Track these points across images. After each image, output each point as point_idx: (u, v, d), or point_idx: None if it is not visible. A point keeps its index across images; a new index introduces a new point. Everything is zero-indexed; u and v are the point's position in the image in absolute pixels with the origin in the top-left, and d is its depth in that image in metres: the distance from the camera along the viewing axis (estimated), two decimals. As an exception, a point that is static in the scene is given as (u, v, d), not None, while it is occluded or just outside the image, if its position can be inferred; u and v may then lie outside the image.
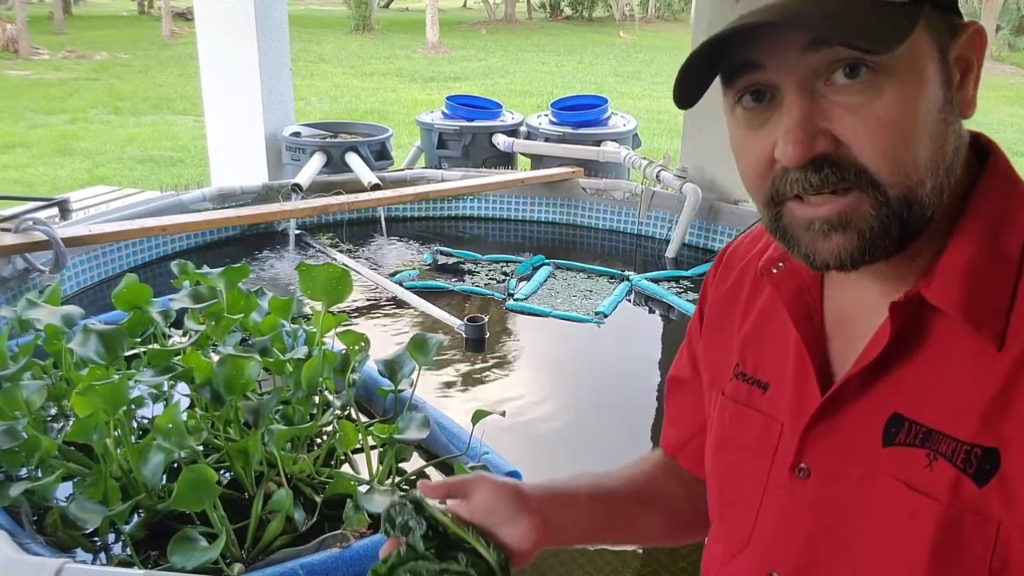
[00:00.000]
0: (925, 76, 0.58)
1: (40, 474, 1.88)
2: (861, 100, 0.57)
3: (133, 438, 2.01)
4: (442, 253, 4.02)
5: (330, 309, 2.19)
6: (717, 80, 0.63)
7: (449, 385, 2.78)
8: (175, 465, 1.98)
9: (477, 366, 2.91)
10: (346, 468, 2.14)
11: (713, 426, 0.80)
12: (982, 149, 0.65)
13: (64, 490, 1.94)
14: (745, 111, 0.62)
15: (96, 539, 1.85)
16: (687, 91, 0.62)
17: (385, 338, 3.00)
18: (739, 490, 0.74)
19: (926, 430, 0.59)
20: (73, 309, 2.23)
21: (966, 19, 0.61)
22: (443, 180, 4.46)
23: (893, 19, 0.55)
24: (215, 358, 2.02)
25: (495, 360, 2.97)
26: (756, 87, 0.60)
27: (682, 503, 0.88)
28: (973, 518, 0.57)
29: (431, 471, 2.14)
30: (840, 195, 0.59)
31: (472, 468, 1.96)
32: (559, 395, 2.80)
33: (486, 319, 3.11)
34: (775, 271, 0.72)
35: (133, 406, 2.07)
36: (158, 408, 2.19)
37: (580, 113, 5.06)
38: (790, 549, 0.68)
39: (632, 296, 3.54)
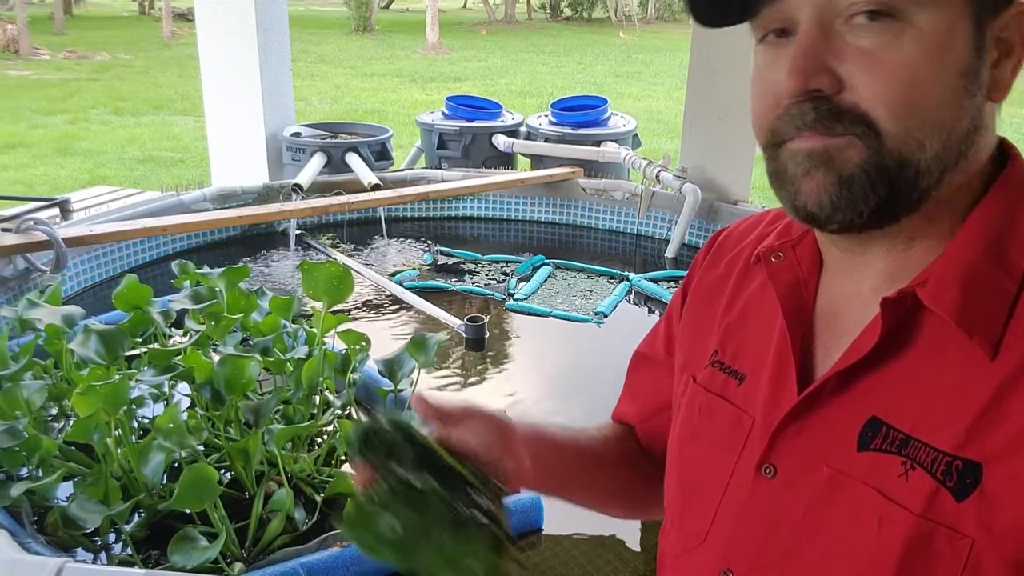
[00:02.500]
0: (950, 34, 0.55)
1: (41, 474, 1.88)
2: (876, 44, 0.54)
3: (134, 438, 2.02)
4: (442, 253, 4.03)
5: (331, 309, 2.19)
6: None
7: (449, 385, 2.78)
8: (175, 465, 1.98)
9: (477, 366, 2.92)
10: (346, 467, 2.14)
11: (680, 413, 0.77)
12: (1003, 154, 0.62)
13: (65, 490, 1.94)
14: (766, 48, 0.60)
15: (97, 539, 1.85)
16: (707, 10, 0.60)
17: (385, 338, 3.01)
18: (701, 483, 0.72)
19: (904, 437, 0.57)
20: (74, 309, 2.23)
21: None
22: (443, 180, 4.46)
23: None
24: (215, 358, 2.02)
25: (495, 360, 2.97)
26: (778, 23, 0.58)
27: (632, 477, 0.87)
28: (946, 533, 0.54)
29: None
30: (832, 136, 0.56)
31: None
32: (559, 395, 2.81)
33: (486, 319, 3.11)
34: (774, 260, 0.70)
35: (134, 406, 2.07)
36: (159, 408, 2.19)
37: (580, 113, 5.06)
38: (748, 548, 0.65)
39: (632, 296, 3.55)
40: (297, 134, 4.80)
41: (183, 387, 2.31)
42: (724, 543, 0.68)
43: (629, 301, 3.50)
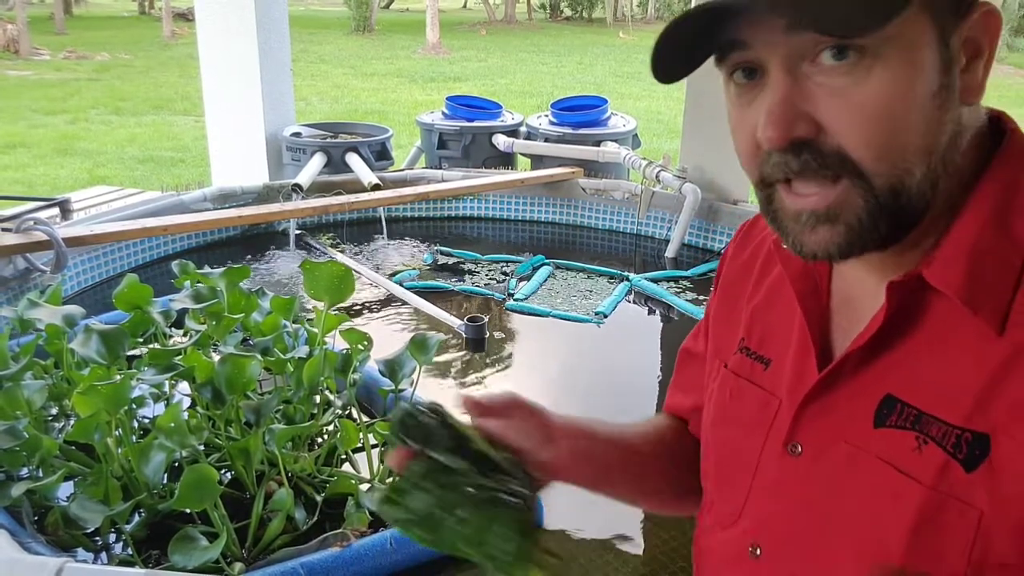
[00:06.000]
0: (918, 59, 0.55)
1: (41, 474, 1.88)
2: (846, 84, 0.54)
3: (134, 438, 2.02)
4: (442, 253, 4.03)
5: (331, 309, 2.19)
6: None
7: (449, 385, 2.78)
8: (176, 464, 1.98)
9: (477, 366, 2.92)
10: (347, 467, 2.14)
11: (712, 398, 0.79)
12: (1000, 129, 0.62)
13: (65, 490, 1.94)
14: (736, 87, 0.61)
15: (97, 538, 1.85)
16: (667, 65, 0.61)
17: (385, 338, 3.01)
18: (732, 464, 0.74)
19: (917, 413, 0.58)
20: (74, 309, 2.24)
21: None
22: (443, 180, 4.46)
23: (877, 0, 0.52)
24: (216, 358, 2.02)
25: (495, 360, 2.97)
26: (745, 64, 0.59)
27: (683, 467, 0.88)
28: (956, 505, 0.55)
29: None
30: (828, 184, 0.57)
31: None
32: (559, 395, 2.81)
33: (486, 319, 3.11)
34: (785, 247, 0.70)
35: (134, 406, 2.07)
36: (159, 408, 2.19)
37: (580, 113, 5.06)
38: (776, 524, 0.68)
39: (632, 296, 3.55)
40: (297, 134, 4.80)
41: (183, 387, 2.31)
42: (754, 520, 0.70)
43: (629, 301, 3.50)
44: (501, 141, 4.86)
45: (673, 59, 0.61)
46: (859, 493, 0.61)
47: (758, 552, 0.69)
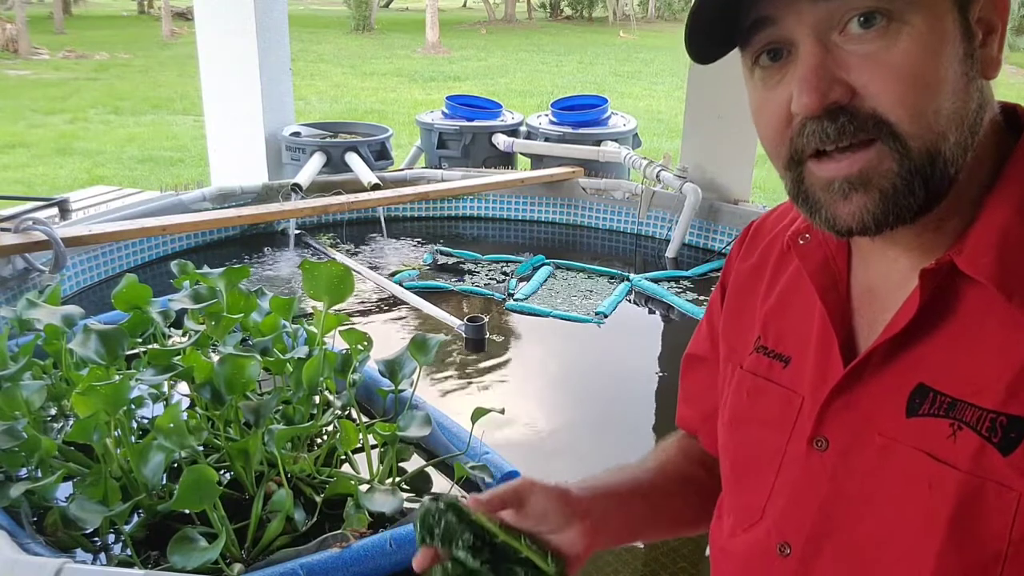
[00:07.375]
0: (943, 27, 0.57)
1: (40, 474, 1.88)
2: (877, 48, 0.56)
3: (133, 438, 2.01)
4: (442, 253, 4.02)
5: (331, 309, 2.19)
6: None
7: (449, 385, 2.78)
8: (175, 465, 1.98)
9: (477, 366, 2.91)
10: (346, 468, 2.14)
11: (728, 400, 0.78)
12: (1017, 121, 0.63)
13: (64, 490, 1.94)
14: (763, 71, 0.61)
15: (96, 539, 1.85)
16: (701, 46, 0.63)
17: (385, 338, 3.00)
18: (753, 464, 0.73)
19: (951, 400, 0.59)
20: (73, 309, 2.23)
21: None
22: (443, 180, 4.46)
23: None
24: (215, 358, 2.02)
25: (495, 360, 2.96)
26: (772, 44, 0.60)
27: (710, 485, 0.87)
28: (994, 488, 0.56)
29: (431, 470, 2.15)
30: (861, 149, 0.57)
31: (472, 468, 1.97)
32: (559, 395, 2.80)
33: (486, 319, 3.11)
34: (802, 242, 0.71)
35: (133, 406, 2.07)
36: (158, 408, 2.19)
37: (580, 113, 5.06)
38: (804, 520, 0.67)
39: (632, 296, 3.54)
40: (296, 133, 4.80)
41: (183, 387, 2.30)
42: (780, 518, 0.69)
43: (629, 301, 3.50)
44: (501, 141, 4.85)
45: (705, 39, 0.62)
46: (894, 484, 0.61)
47: (787, 550, 0.68)
